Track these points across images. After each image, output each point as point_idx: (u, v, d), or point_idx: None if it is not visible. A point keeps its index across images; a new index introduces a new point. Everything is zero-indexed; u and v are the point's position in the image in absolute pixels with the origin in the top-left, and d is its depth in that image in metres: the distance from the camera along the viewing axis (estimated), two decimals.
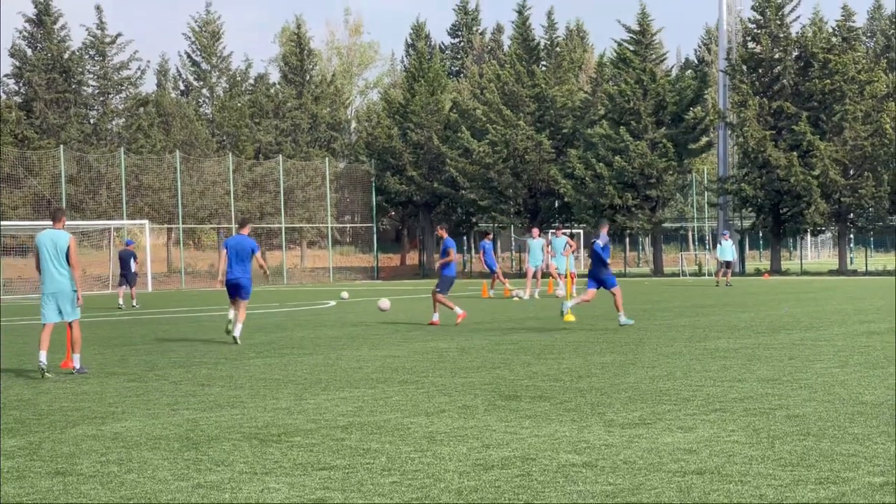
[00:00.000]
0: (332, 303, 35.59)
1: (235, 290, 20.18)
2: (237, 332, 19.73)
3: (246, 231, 20.78)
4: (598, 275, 22.53)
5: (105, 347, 19.75)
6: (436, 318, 23.94)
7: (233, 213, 61.08)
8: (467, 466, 8.38)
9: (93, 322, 27.16)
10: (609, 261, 22.98)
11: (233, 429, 10.34)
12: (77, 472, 8.55)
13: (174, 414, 11.39)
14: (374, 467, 8.43)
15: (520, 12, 68.85)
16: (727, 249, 44.95)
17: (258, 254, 20.43)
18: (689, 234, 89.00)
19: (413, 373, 14.58)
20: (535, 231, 37.99)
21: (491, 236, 39.86)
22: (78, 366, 15.45)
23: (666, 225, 67.83)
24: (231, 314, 20.20)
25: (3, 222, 52.51)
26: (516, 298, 35.14)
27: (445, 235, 24.85)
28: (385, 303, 25.80)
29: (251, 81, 76.84)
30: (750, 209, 61.29)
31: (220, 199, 63.11)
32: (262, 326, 24.32)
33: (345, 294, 38.92)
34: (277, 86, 75.95)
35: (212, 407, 11.83)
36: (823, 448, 8.73)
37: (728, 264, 44.74)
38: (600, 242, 22.49)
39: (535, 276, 36.33)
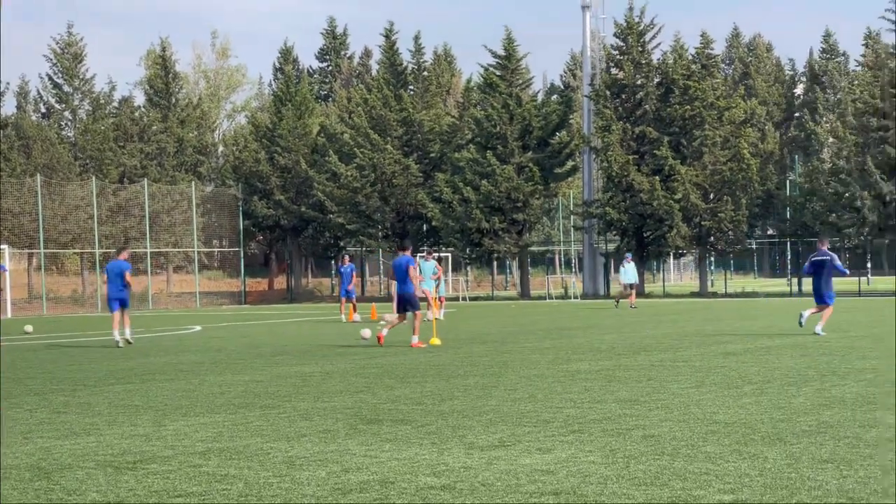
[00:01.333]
0: (198, 328, 35.16)
1: (120, 304, 25.82)
2: (128, 335, 25.70)
3: (123, 256, 26.51)
4: (822, 289, 24.71)
5: None
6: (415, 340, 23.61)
7: (96, 237, 59.99)
8: (325, 491, 8.34)
9: None
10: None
11: (87, 456, 10.14)
12: None
13: (27, 443, 11.12)
14: (230, 493, 8.34)
15: (387, 37, 69.02)
16: (630, 272, 45.62)
17: (128, 272, 25.90)
18: (556, 257, 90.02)
19: (275, 397, 14.47)
20: (427, 255, 38.10)
21: (348, 259, 39.69)
22: None
23: (532, 248, 68.56)
24: (116, 334, 25.45)
25: None
26: (383, 322, 35.09)
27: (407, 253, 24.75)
28: (366, 332, 25.91)
29: (115, 104, 75.66)
30: (614, 232, 62.27)
31: (83, 223, 61.90)
32: (125, 352, 23.90)
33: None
34: (142, 109, 74.91)
35: (67, 435, 11.58)
36: (677, 467, 8.88)
37: (631, 286, 45.44)
38: (837, 262, 24.76)
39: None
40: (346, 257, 40.81)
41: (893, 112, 55.15)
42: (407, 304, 23.92)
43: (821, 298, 24.84)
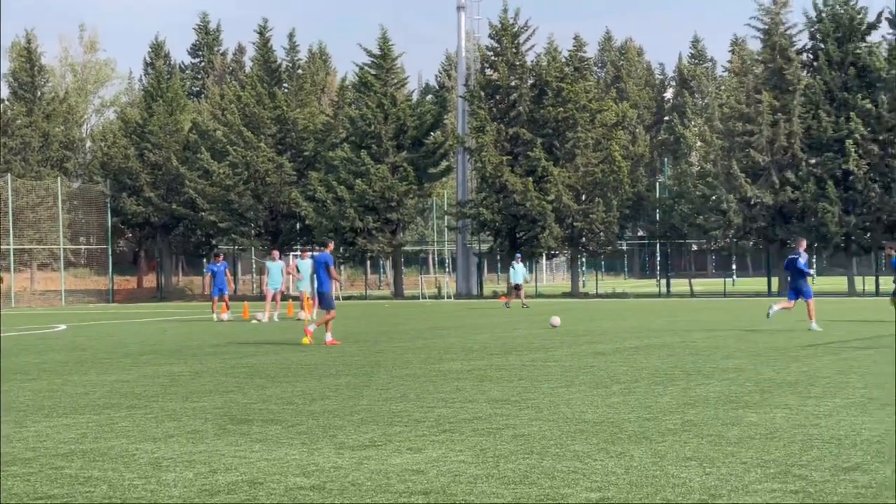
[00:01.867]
0: (63, 327, 34.45)
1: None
2: None
3: None
4: (799, 287, 26.12)
5: None
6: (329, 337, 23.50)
7: None
8: (192, 492, 8.22)
9: None
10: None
11: None
12: None
13: None
14: (94, 496, 8.17)
15: (261, 33, 68.48)
16: (519, 272, 45.96)
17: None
18: (430, 256, 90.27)
19: (142, 398, 14.23)
20: (276, 254, 37.87)
21: (221, 258, 39.31)
22: None
23: (406, 248, 68.70)
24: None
25: None
26: (254, 321, 34.85)
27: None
28: (556, 319, 28.72)
29: None
30: (488, 233, 62.66)
31: None
32: None
33: None
34: (6, 102, 73.09)
35: None
36: (545, 466, 8.96)
37: (518, 287, 45.68)
38: (802, 260, 25.96)
39: (274, 298, 36.13)
40: (220, 256, 40.39)
41: (758, 117, 56.43)
42: (322, 301, 23.98)
43: (796, 294, 26.41)
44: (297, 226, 65.35)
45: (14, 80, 73.75)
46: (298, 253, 38.64)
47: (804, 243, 27.29)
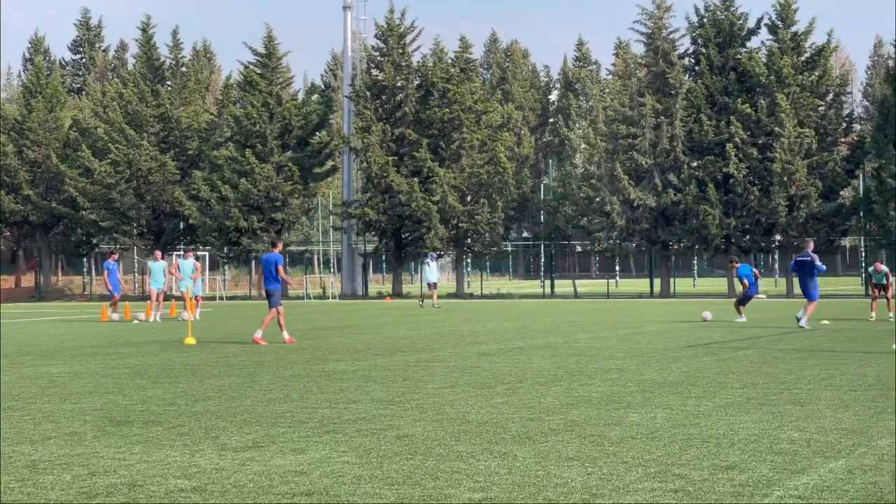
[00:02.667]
0: None
1: None
2: None
3: None
4: (807, 287, 27.27)
5: None
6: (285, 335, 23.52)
7: None
8: (70, 495, 8.08)
9: None
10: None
11: None
12: None
13: None
14: None
15: (144, 30, 67.52)
16: (433, 271, 46.01)
17: None
18: (315, 256, 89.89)
19: (19, 399, 13.93)
20: (158, 254, 37.50)
21: (116, 256, 38.79)
22: None
23: (291, 248, 68.32)
24: None
25: None
26: (136, 321, 34.38)
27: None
28: (708, 314, 30.55)
29: None
30: (373, 233, 62.61)
31: None
32: None
33: None
34: None
35: None
36: (429, 466, 8.97)
37: (432, 285, 45.71)
38: (817, 261, 27.35)
39: (157, 298, 35.69)
40: (115, 254, 39.84)
41: (641, 120, 57.26)
42: (270, 300, 23.70)
43: (807, 294, 27.42)
44: (181, 225, 64.60)
45: None
46: (181, 252, 38.21)
47: (812, 244, 29.23)
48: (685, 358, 18.63)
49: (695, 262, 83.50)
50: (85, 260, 72.42)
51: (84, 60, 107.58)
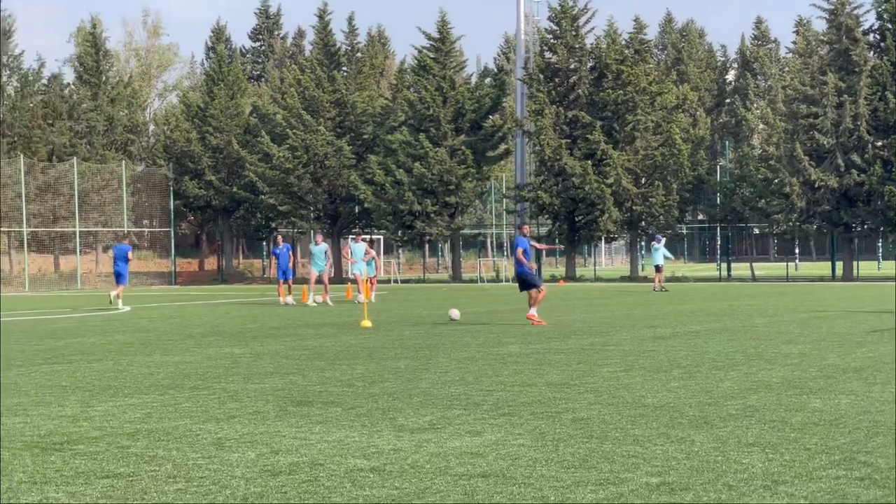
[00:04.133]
0: (127, 308, 34.83)
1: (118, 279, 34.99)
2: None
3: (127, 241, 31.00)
4: None
5: None
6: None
7: (24, 216, 59.19)
8: (254, 472, 8.30)
9: None
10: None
11: (13, 437, 10.01)
12: None
13: None
14: (159, 475, 8.27)
15: (321, 17, 68.60)
16: (660, 253, 44.59)
17: (130, 253, 35.64)
18: (488, 240, 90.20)
19: (205, 379, 14.37)
20: (319, 237, 38.23)
21: (280, 240, 39.51)
22: None
23: (465, 231, 68.64)
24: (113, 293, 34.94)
25: None
26: (313, 304, 35.04)
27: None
28: (455, 312, 25.69)
29: (44, 81, 74.52)
30: (546, 216, 62.45)
31: (10, 201, 61.02)
32: (52, 333, 23.63)
33: None
34: (72, 86, 73.87)
35: None
36: (605, 450, 8.94)
37: (658, 268, 44.67)
38: None
39: (319, 281, 36.19)
40: (279, 238, 40.60)
41: (823, 99, 55.79)
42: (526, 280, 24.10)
43: None
44: (356, 209, 65.53)
45: (80, 64, 74.45)
46: (354, 235, 38.94)
47: None
48: (869, 343, 18.12)
49: (879, 244, 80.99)
50: (265, 244, 74.05)
51: (263, 48, 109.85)
